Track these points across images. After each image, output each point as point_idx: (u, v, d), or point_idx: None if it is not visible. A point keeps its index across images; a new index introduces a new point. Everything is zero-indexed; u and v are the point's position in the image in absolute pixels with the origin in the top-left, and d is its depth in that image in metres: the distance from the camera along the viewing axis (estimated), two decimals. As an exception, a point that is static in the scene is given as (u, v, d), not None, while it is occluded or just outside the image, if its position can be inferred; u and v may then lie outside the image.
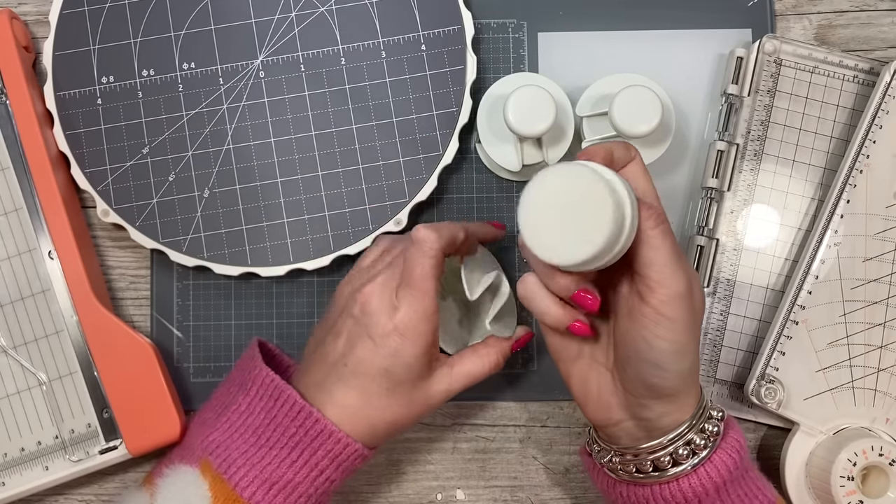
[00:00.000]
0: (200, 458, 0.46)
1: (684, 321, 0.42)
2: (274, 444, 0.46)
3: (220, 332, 0.57)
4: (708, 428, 0.45)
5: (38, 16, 0.58)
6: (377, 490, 0.57)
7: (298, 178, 0.55)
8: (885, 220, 0.54)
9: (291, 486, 0.46)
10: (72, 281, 0.53)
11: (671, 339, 0.42)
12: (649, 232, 0.41)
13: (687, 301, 0.42)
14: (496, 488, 0.57)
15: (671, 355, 0.42)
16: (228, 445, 0.46)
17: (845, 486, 0.51)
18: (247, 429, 0.47)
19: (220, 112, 0.56)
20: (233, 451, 0.46)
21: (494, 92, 0.55)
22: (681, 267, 0.42)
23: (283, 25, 0.56)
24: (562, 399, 0.57)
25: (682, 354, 0.42)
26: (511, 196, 0.58)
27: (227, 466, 0.46)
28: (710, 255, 0.56)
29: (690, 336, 0.43)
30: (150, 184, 0.55)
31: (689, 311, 0.42)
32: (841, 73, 0.56)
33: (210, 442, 0.47)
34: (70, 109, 0.55)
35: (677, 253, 0.42)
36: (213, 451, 0.46)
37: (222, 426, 0.47)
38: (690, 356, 0.43)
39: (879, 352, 0.54)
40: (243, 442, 0.46)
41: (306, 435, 0.46)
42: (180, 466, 0.47)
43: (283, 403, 0.46)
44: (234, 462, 0.46)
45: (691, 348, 0.43)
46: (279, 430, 0.46)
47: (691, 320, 0.42)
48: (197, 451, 0.47)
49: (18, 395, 0.54)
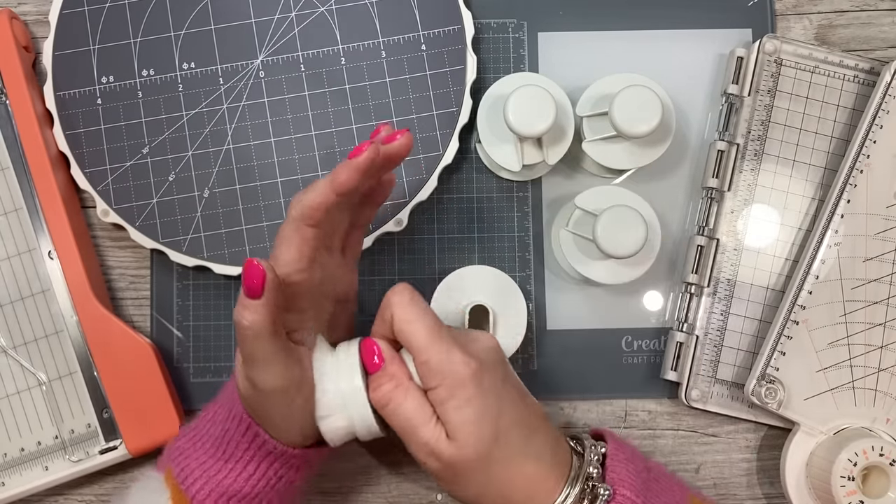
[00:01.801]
0: (166, 465, 0.46)
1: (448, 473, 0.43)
2: (230, 458, 0.45)
3: (220, 332, 0.57)
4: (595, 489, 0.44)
5: (38, 16, 0.58)
6: (377, 490, 0.57)
7: (298, 178, 0.55)
8: (886, 220, 0.54)
9: (248, 498, 0.45)
10: (72, 281, 0.53)
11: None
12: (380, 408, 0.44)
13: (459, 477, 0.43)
14: (496, 488, 0.57)
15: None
16: (189, 454, 0.46)
17: (846, 486, 0.51)
18: (208, 438, 0.46)
19: (220, 112, 0.56)
20: (192, 461, 0.45)
21: (494, 92, 0.55)
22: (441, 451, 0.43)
23: (283, 25, 0.56)
24: (562, 399, 0.57)
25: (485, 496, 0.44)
26: (511, 196, 0.58)
27: (184, 476, 0.45)
28: (710, 255, 0.56)
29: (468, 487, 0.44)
30: (150, 184, 0.55)
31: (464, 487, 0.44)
32: (841, 72, 0.56)
33: (175, 448, 0.46)
34: (70, 109, 0.55)
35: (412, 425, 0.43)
36: (174, 459, 0.46)
37: (188, 433, 0.47)
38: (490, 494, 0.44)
39: (880, 352, 0.54)
40: (203, 452, 0.46)
41: (259, 450, 0.45)
42: (151, 471, 0.47)
43: (234, 416, 0.45)
44: (191, 473, 0.45)
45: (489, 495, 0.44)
46: (233, 443, 0.45)
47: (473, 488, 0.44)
48: (165, 456, 0.47)
49: (18, 395, 0.54)
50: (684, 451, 0.57)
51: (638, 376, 0.57)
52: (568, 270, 0.57)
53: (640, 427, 0.57)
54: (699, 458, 0.57)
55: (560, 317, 0.57)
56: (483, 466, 0.43)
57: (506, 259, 0.57)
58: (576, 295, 0.58)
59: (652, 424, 0.57)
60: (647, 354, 0.57)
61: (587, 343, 0.57)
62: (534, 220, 0.58)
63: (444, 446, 0.42)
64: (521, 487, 0.44)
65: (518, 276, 0.57)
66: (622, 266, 0.53)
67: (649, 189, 0.57)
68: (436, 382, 0.42)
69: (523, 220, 0.58)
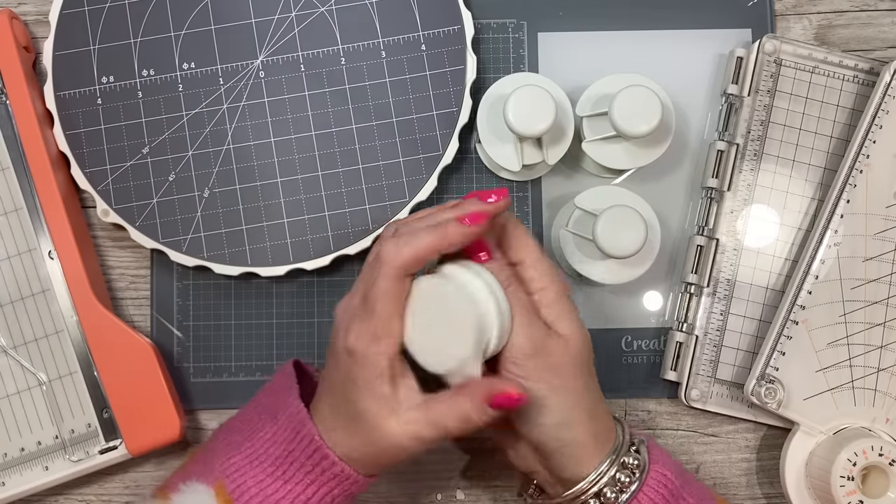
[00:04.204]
0: (218, 480, 0.46)
1: (554, 395, 0.44)
2: (290, 479, 0.45)
3: (220, 332, 0.57)
4: (629, 462, 0.45)
5: (38, 16, 0.58)
6: (377, 490, 0.57)
7: (298, 178, 0.55)
8: (885, 220, 0.54)
9: None
10: (72, 281, 0.53)
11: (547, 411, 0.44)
12: (517, 318, 0.44)
13: (532, 360, 0.43)
14: (496, 488, 0.57)
15: (550, 428, 0.44)
16: (246, 472, 0.46)
17: (845, 486, 0.51)
18: (267, 457, 0.46)
19: (220, 112, 0.56)
20: (248, 479, 0.45)
21: (494, 92, 0.55)
22: (545, 343, 0.44)
23: (283, 25, 0.56)
24: (562, 399, 0.57)
25: (561, 426, 0.44)
26: (511, 196, 0.58)
27: (240, 493, 0.45)
28: (709, 255, 0.56)
29: (566, 408, 0.44)
30: (150, 184, 0.55)
31: (559, 383, 0.44)
32: (841, 73, 0.56)
33: (231, 465, 0.46)
34: (70, 109, 0.55)
35: (544, 331, 0.44)
36: (230, 475, 0.46)
37: (246, 451, 0.46)
38: (573, 427, 0.44)
39: (879, 352, 0.54)
40: (261, 471, 0.46)
41: (323, 475, 0.45)
42: (197, 485, 0.46)
43: (302, 439, 0.45)
44: (248, 490, 0.45)
45: (572, 417, 0.44)
46: (296, 464, 0.45)
47: (564, 390, 0.44)
48: (216, 471, 0.46)
49: (18, 395, 0.54)
50: (684, 451, 0.57)
51: (638, 376, 0.57)
52: (568, 270, 0.57)
53: (640, 427, 0.57)
54: (699, 458, 0.57)
55: (560, 317, 0.58)
56: (585, 369, 0.45)
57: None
58: (576, 295, 0.58)
59: (652, 424, 0.57)
60: (647, 354, 0.58)
61: (587, 343, 0.57)
62: (534, 220, 0.58)
63: (559, 329, 0.45)
64: (602, 420, 0.46)
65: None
66: (622, 266, 0.53)
67: (649, 189, 0.57)
68: (544, 283, 0.45)
69: (523, 220, 0.58)
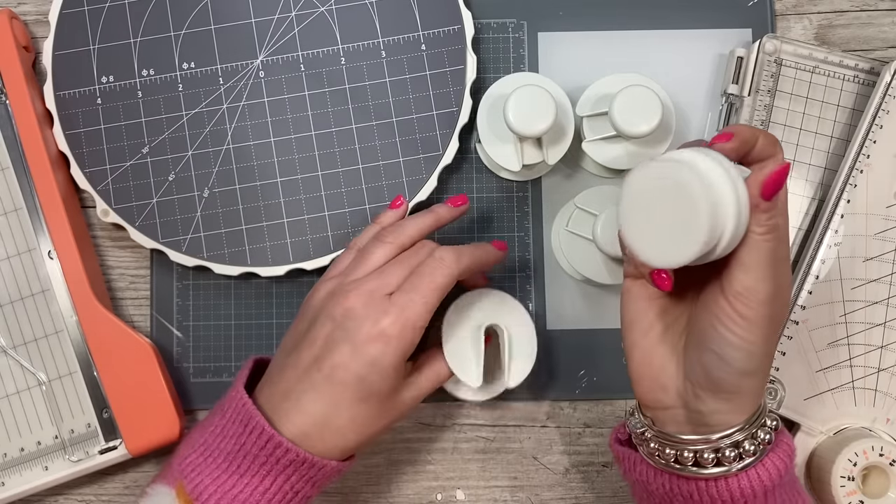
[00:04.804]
0: (177, 480, 0.46)
1: (759, 324, 0.41)
2: (245, 472, 0.45)
3: (220, 332, 0.57)
4: (760, 435, 0.43)
5: (38, 16, 0.58)
6: (377, 490, 0.57)
7: (298, 178, 0.55)
8: (886, 220, 0.54)
9: None
10: (72, 281, 0.53)
11: (741, 336, 0.41)
12: (754, 235, 0.40)
13: (766, 307, 0.40)
14: (496, 488, 0.57)
15: (738, 352, 0.41)
16: (202, 470, 0.45)
17: (846, 486, 0.51)
18: (220, 453, 0.46)
19: (219, 112, 0.56)
20: (205, 477, 0.45)
21: (494, 92, 0.55)
22: (773, 274, 0.40)
23: (283, 25, 0.56)
24: (562, 399, 0.57)
25: (748, 355, 0.41)
26: (511, 196, 0.58)
27: (198, 493, 0.45)
28: (710, 255, 0.56)
29: (762, 340, 0.41)
30: (149, 184, 0.55)
31: (767, 317, 0.41)
32: (841, 72, 0.56)
33: (187, 464, 0.46)
34: (70, 109, 0.55)
35: (775, 260, 0.40)
36: (187, 475, 0.45)
37: (199, 448, 0.46)
38: (758, 360, 0.42)
39: (880, 352, 0.54)
40: (216, 467, 0.45)
41: (278, 463, 0.45)
42: (160, 487, 0.46)
43: (252, 431, 0.45)
44: (205, 489, 0.45)
45: (761, 352, 0.42)
46: (249, 457, 0.45)
47: (767, 325, 0.41)
48: (175, 471, 0.46)
49: (18, 395, 0.54)
50: (684, 451, 0.57)
51: (638, 376, 0.57)
52: (568, 270, 0.57)
53: (640, 427, 0.57)
54: (699, 458, 0.57)
55: (560, 317, 0.57)
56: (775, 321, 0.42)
57: (506, 259, 0.57)
58: (576, 295, 0.58)
59: (652, 424, 0.57)
60: (647, 354, 0.57)
61: (587, 343, 0.57)
62: (534, 220, 0.58)
63: None
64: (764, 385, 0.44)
65: (518, 276, 0.57)
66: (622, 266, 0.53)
67: (649, 189, 0.57)
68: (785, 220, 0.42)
69: (523, 220, 0.58)
